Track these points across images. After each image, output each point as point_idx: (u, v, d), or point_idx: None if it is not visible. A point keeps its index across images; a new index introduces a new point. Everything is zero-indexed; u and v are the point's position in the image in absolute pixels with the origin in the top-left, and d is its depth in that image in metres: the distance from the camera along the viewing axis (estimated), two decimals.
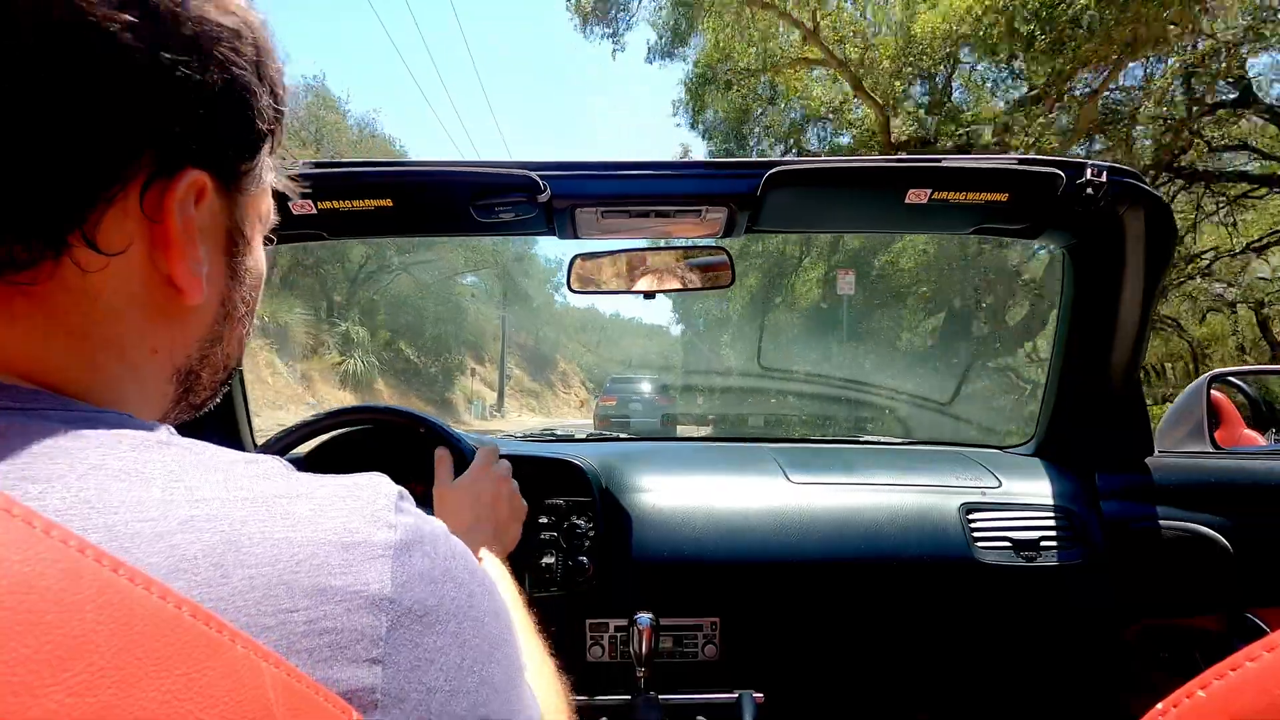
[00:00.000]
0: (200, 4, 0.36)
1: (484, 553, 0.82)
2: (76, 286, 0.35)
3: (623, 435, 1.93)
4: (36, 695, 0.22)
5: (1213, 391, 1.54)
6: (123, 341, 0.38)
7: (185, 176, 0.37)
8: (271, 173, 0.46)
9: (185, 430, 0.39)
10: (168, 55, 0.34)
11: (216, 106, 0.37)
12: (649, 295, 1.40)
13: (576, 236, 1.28)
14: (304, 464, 1.23)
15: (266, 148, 0.43)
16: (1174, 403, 1.59)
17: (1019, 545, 1.29)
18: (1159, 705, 0.27)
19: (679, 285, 1.42)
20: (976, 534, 1.30)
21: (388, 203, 1.16)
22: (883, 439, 1.86)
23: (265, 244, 0.49)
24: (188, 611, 0.26)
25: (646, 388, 14.66)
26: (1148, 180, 1.20)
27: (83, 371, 0.36)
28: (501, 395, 30.40)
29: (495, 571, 0.78)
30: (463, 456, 1.05)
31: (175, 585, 0.27)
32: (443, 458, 1.00)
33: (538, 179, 1.12)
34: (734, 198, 1.18)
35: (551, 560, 1.21)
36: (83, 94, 0.32)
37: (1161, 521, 1.30)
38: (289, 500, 0.33)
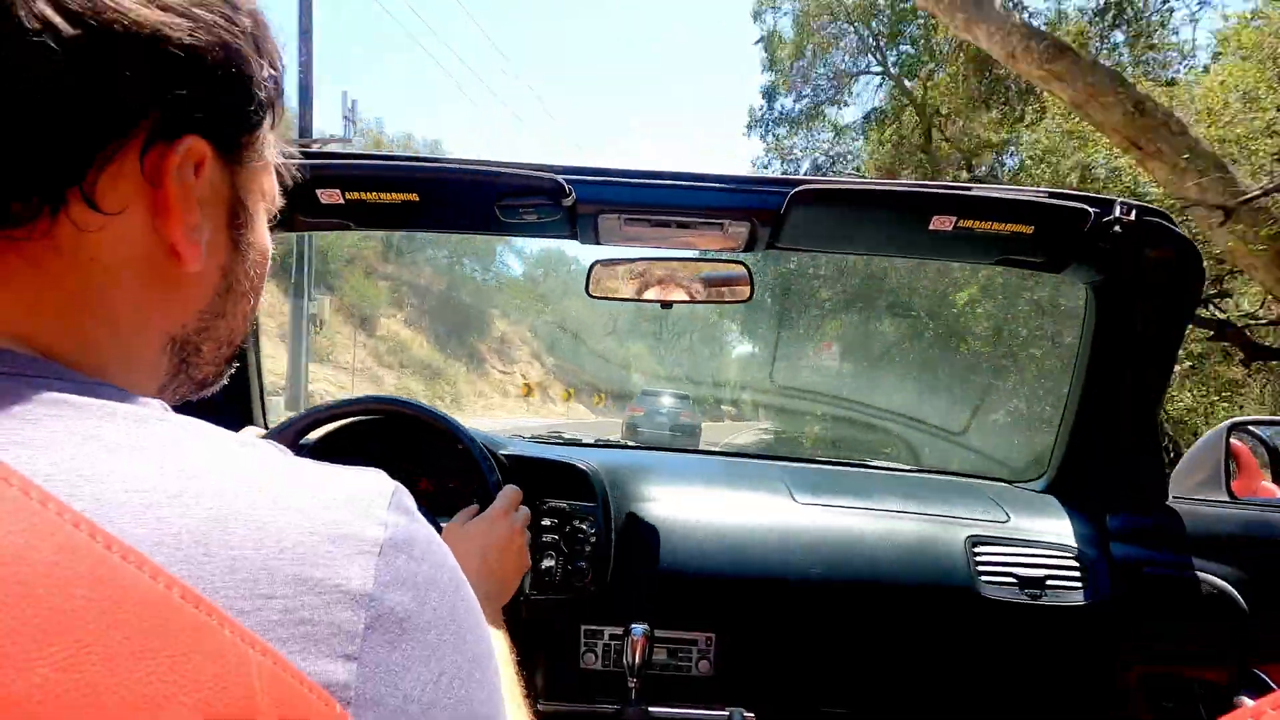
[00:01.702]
0: None
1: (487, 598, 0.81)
2: (71, 247, 0.35)
3: (630, 443, 1.93)
4: (21, 668, 0.22)
5: (1232, 440, 1.52)
6: (116, 306, 0.38)
7: (184, 142, 0.38)
8: (273, 150, 0.47)
9: (195, 413, 0.38)
10: (167, 20, 0.35)
11: (215, 75, 0.38)
12: (666, 305, 1.40)
13: (598, 242, 1.29)
14: (316, 448, 1.24)
15: (268, 122, 0.44)
16: (1191, 449, 1.56)
17: (1024, 582, 1.27)
18: None
19: (697, 297, 1.42)
20: (981, 568, 1.28)
21: (414, 197, 1.17)
22: (892, 464, 1.85)
23: (288, 229, 0.49)
24: (178, 593, 0.26)
25: (671, 401, 16.30)
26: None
27: (71, 338, 0.36)
28: (297, 377, 12.08)
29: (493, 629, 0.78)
30: (485, 488, 1.04)
31: (157, 559, 0.27)
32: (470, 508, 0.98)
33: (564, 183, 1.13)
34: (757, 213, 1.18)
35: (551, 563, 1.21)
36: (86, 51, 0.32)
37: (1172, 569, 1.27)
38: (282, 485, 0.33)
